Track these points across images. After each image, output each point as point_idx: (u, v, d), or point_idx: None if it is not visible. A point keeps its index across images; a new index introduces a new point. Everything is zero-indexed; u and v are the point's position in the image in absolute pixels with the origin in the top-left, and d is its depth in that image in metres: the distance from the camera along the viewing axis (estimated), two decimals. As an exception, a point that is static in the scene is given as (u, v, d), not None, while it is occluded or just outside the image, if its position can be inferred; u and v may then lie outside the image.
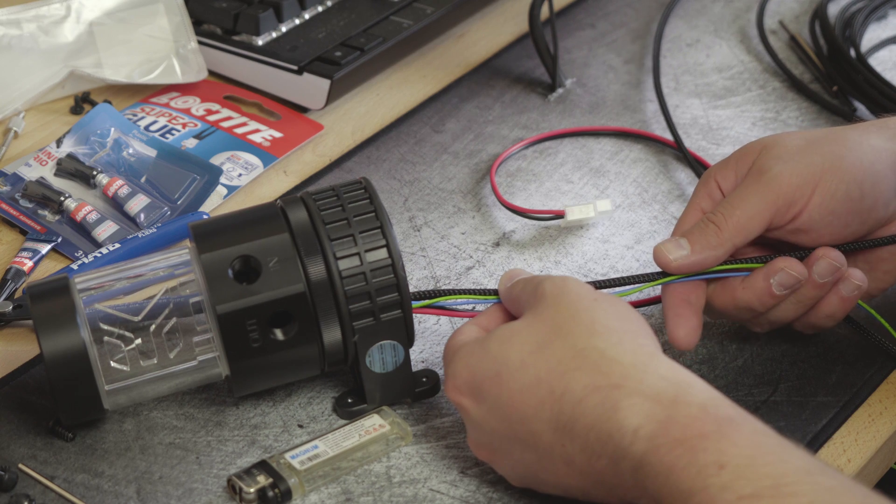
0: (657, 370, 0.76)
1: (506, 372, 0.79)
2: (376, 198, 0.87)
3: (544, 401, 0.77)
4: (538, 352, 0.78)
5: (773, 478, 0.69)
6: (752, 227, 0.87)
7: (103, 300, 0.86)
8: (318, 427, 0.88)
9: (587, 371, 0.76)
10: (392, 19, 1.20)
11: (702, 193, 0.90)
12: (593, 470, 0.75)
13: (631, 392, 0.74)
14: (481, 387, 0.80)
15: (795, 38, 1.23)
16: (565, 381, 0.76)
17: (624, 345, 0.77)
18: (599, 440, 0.74)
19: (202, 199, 1.05)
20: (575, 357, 0.77)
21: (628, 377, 0.75)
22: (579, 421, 0.75)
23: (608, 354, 0.77)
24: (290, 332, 0.84)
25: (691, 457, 0.71)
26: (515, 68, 1.22)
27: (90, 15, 1.18)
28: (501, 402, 0.79)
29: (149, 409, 0.89)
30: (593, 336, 0.78)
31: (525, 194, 1.08)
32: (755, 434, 0.72)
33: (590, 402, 0.75)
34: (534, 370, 0.78)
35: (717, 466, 0.70)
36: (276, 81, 1.16)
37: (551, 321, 0.79)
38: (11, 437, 0.87)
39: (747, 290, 0.87)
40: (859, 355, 0.93)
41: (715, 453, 0.70)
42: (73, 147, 1.09)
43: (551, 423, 0.77)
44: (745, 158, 0.89)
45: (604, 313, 0.79)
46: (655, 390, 0.74)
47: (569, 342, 0.78)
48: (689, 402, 0.73)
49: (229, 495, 0.84)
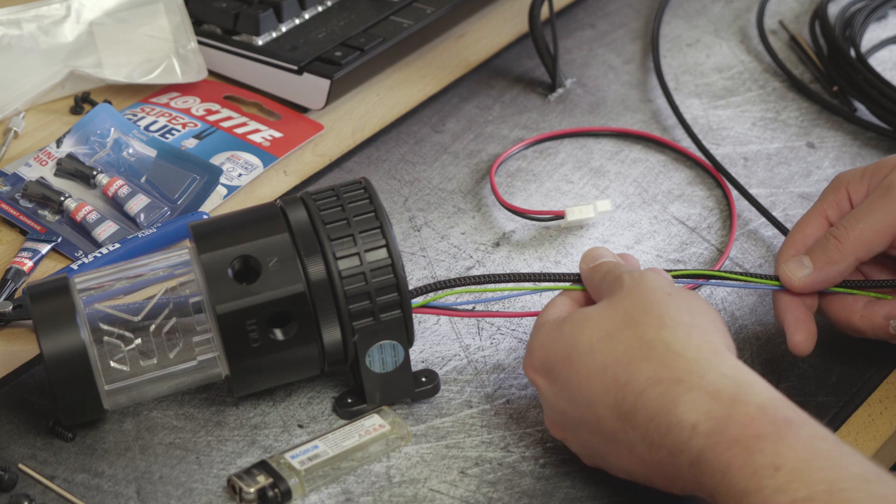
0: (719, 367, 0.76)
1: (576, 356, 0.80)
2: (376, 198, 0.87)
3: (609, 388, 0.78)
4: (607, 339, 0.79)
5: (828, 483, 0.69)
6: (875, 241, 0.88)
7: (103, 300, 0.86)
8: (318, 427, 0.88)
9: (652, 363, 0.77)
10: (392, 19, 1.20)
11: (829, 200, 0.91)
12: (653, 459, 0.76)
13: (691, 387, 0.75)
14: (553, 367, 0.81)
15: (795, 38, 1.23)
16: (630, 370, 0.77)
17: (690, 340, 0.78)
18: (659, 432, 0.75)
19: (202, 199, 1.05)
20: (641, 348, 0.78)
21: (690, 372, 0.76)
22: (640, 411, 0.76)
23: (674, 348, 0.77)
24: (290, 332, 0.84)
25: (747, 457, 0.71)
26: (515, 68, 1.22)
27: (90, 15, 1.18)
28: (570, 385, 0.80)
29: (149, 409, 0.89)
30: (662, 329, 0.78)
31: (525, 194, 1.08)
32: (813, 438, 0.72)
33: (651, 393, 0.76)
34: (601, 356, 0.79)
35: (772, 468, 0.70)
36: (276, 81, 1.16)
37: (624, 311, 0.80)
38: (11, 437, 0.87)
39: (864, 320, 0.89)
40: (859, 355, 0.93)
41: (771, 455, 0.71)
42: (73, 147, 1.09)
43: (615, 409, 0.77)
44: (879, 171, 0.90)
45: (675, 307, 0.80)
46: (716, 387, 0.75)
47: (637, 333, 0.79)
48: (748, 401, 0.74)
49: (229, 495, 0.84)
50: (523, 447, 0.87)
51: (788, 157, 1.11)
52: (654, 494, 0.83)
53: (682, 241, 1.03)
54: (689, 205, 1.06)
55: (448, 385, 0.91)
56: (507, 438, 0.87)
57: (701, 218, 1.05)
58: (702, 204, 1.06)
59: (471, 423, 0.88)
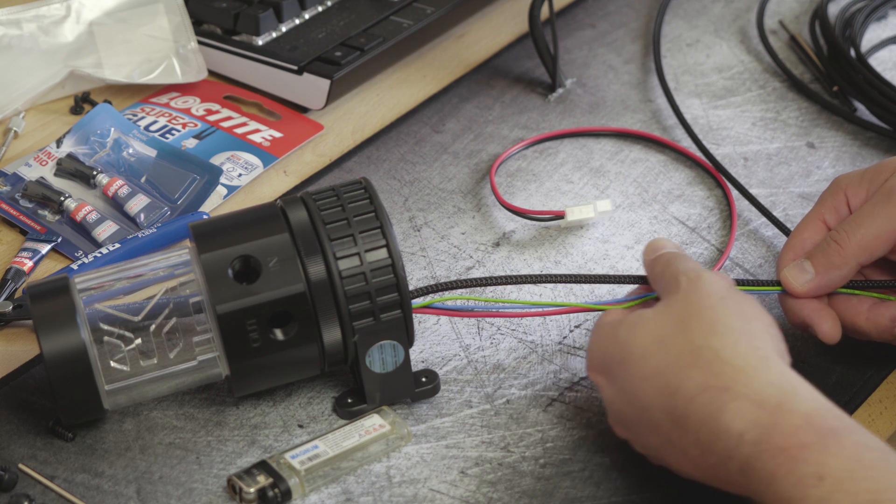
0: (766, 375, 0.76)
1: (631, 360, 0.80)
2: (376, 198, 0.87)
3: (661, 392, 0.78)
4: (659, 344, 0.79)
5: (872, 493, 0.69)
6: (876, 246, 0.88)
7: (103, 300, 0.86)
8: (318, 427, 0.88)
9: (700, 370, 0.77)
10: (392, 19, 1.20)
11: (828, 204, 0.91)
12: (706, 464, 0.77)
13: (737, 395, 0.75)
14: (611, 369, 0.82)
15: (795, 38, 1.23)
16: (680, 377, 0.77)
17: (738, 346, 0.78)
18: (708, 438, 0.76)
19: (202, 199, 1.05)
20: (691, 354, 0.78)
21: (737, 380, 0.76)
22: (690, 418, 0.76)
23: (722, 355, 0.77)
24: (290, 332, 0.84)
25: (792, 466, 0.72)
26: (515, 68, 1.22)
27: (90, 15, 1.18)
28: (627, 388, 0.80)
29: (149, 409, 0.89)
30: (712, 336, 0.78)
31: (525, 194, 1.08)
32: (858, 447, 0.72)
33: (700, 400, 0.76)
34: (654, 361, 0.79)
35: (816, 478, 0.71)
36: (276, 81, 1.16)
37: (677, 315, 0.80)
38: (11, 437, 0.87)
39: (870, 322, 0.89)
40: (859, 355, 0.93)
41: (815, 465, 0.71)
42: (73, 147, 1.09)
43: (668, 414, 0.78)
44: (878, 175, 0.90)
45: (727, 312, 0.80)
46: (761, 395, 0.75)
47: (687, 339, 0.79)
48: (794, 410, 0.74)
49: (229, 495, 0.84)
50: (523, 447, 0.87)
51: (788, 157, 1.11)
52: (655, 495, 0.83)
53: (682, 242, 1.03)
54: (689, 205, 1.06)
55: (448, 385, 0.91)
56: (507, 438, 0.87)
57: (701, 218, 1.05)
58: (702, 204, 1.06)
59: (471, 423, 0.88)
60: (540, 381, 0.91)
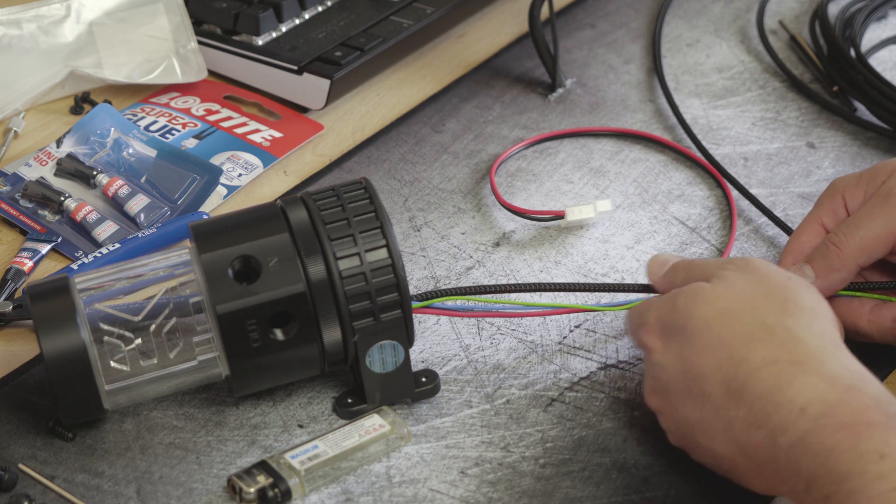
0: (839, 358, 0.77)
1: (692, 328, 0.80)
2: (376, 198, 0.87)
3: (722, 363, 0.78)
4: (725, 316, 0.79)
5: None
6: (875, 248, 0.88)
7: (103, 300, 0.86)
8: (318, 427, 0.88)
9: (771, 345, 0.77)
10: (392, 19, 1.20)
11: (825, 206, 0.92)
12: (749, 441, 0.77)
13: (808, 371, 0.76)
14: (671, 334, 0.81)
15: (795, 38, 1.23)
16: (747, 349, 0.78)
17: (813, 328, 0.78)
18: (765, 410, 0.76)
19: (202, 199, 1.05)
20: (763, 330, 0.78)
21: (810, 357, 0.76)
22: (750, 388, 0.77)
23: (796, 334, 0.78)
24: (290, 332, 0.84)
25: (854, 441, 0.72)
26: (515, 68, 1.22)
27: (90, 15, 1.18)
28: (684, 355, 0.80)
29: (149, 409, 0.89)
30: (785, 315, 0.79)
31: (525, 194, 1.08)
32: None
33: (765, 373, 0.76)
34: (717, 332, 0.79)
35: (877, 455, 0.71)
36: (276, 81, 1.16)
37: (741, 290, 0.80)
38: (11, 437, 0.87)
39: (872, 323, 0.90)
40: (859, 356, 0.93)
41: (879, 442, 0.72)
42: (73, 147, 1.09)
43: (723, 385, 0.78)
44: (876, 177, 0.90)
45: (797, 292, 0.80)
46: (833, 374, 0.75)
47: (758, 316, 0.79)
48: (864, 391, 0.75)
49: (229, 495, 0.84)
50: (523, 447, 0.87)
51: (788, 157, 1.11)
52: (655, 495, 0.83)
53: (682, 242, 1.03)
54: (689, 205, 1.06)
55: (448, 385, 0.91)
56: (507, 438, 0.87)
57: (701, 218, 1.05)
58: (702, 204, 1.06)
59: (471, 423, 0.88)
60: (540, 381, 0.91)
